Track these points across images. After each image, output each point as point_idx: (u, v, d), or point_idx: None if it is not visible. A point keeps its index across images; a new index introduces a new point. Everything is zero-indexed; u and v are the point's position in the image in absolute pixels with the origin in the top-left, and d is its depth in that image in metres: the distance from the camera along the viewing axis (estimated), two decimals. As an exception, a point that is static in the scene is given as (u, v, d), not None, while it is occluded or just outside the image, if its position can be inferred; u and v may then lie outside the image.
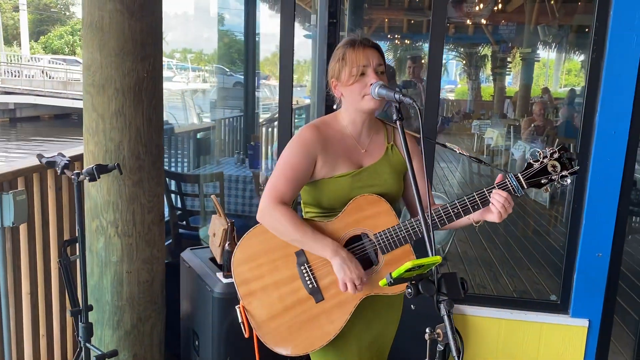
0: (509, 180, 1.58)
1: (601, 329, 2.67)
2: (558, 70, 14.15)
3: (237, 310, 1.67)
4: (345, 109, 1.70)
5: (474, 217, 1.62)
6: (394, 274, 1.21)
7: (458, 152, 1.75)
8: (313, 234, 1.61)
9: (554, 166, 1.57)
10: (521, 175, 1.58)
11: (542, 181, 1.58)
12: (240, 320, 1.66)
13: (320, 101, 2.56)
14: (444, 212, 1.59)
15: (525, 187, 1.58)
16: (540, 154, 1.59)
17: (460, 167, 7.33)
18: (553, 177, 1.57)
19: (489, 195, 1.57)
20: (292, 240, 1.63)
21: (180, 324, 2.78)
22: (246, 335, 1.64)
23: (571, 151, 1.60)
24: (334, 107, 1.90)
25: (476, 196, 1.59)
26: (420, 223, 1.55)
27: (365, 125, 1.71)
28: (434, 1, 2.55)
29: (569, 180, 1.57)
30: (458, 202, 1.59)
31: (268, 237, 1.65)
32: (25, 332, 2.55)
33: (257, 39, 5.56)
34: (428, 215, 1.41)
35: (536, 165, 1.58)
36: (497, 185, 1.59)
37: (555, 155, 1.58)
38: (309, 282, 1.64)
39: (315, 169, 1.65)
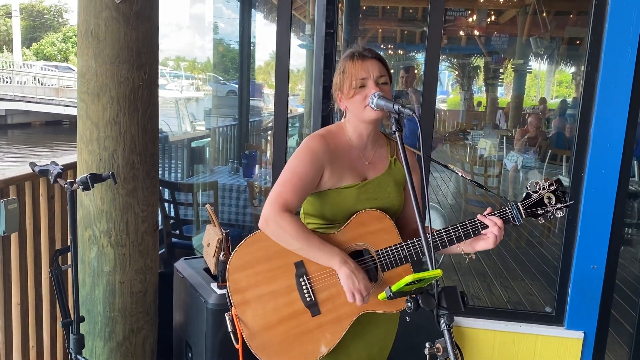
0: (509, 209, 1.61)
1: (596, 341, 2.66)
2: (549, 82, 14.28)
3: (227, 318, 1.63)
4: (350, 121, 1.69)
5: (464, 248, 1.64)
6: (394, 288, 1.20)
7: (461, 175, 1.77)
8: (320, 243, 1.58)
9: (549, 198, 1.62)
10: (521, 204, 1.61)
11: (539, 212, 1.62)
12: (230, 329, 1.62)
13: (317, 111, 2.55)
14: (445, 234, 1.61)
15: (524, 217, 1.61)
16: (537, 185, 1.63)
17: (453, 177, 7.34)
18: (549, 209, 1.61)
19: (489, 220, 1.60)
20: (297, 249, 1.59)
21: (173, 335, 2.75)
22: (237, 346, 1.61)
23: (564, 185, 1.65)
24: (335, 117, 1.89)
25: (477, 220, 1.60)
26: (423, 243, 1.56)
27: (370, 138, 1.70)
28: (430, 12, 2.56)
29: (561, 213, 1.62)
30: (459, 225, 1.61)
31: (267, 245, 1.61)
32: (15, 343, 2.50)
33: (252, 47, 5.56)
34: (428, 229, 1.40)
35: (534, 196, 1.62)
36: (498, 213, 1.61)
37: (552, 188, 1.62)
38: (306, 295, 1.61)
39: (322, 179, 1.63)
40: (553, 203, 1.61)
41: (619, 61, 2.44)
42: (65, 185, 2.06)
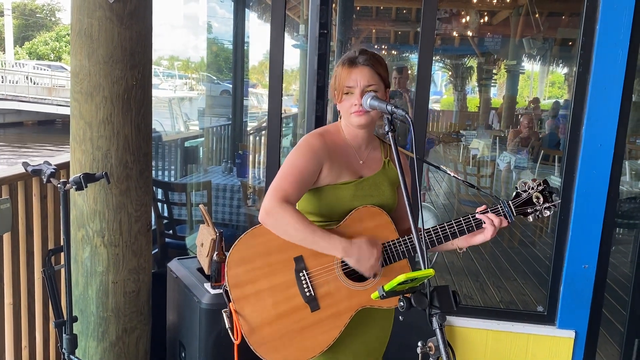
0: (501, 207, 1.65)
1: (587, 340, 2.69)
2: (542, 83, 14.35)
3: (224, 314, 1.62)
4: (344, 122, 1.73)
5: (459, 243, 1.67)
6: (386, 287, 1.21)
7: (452, 175, 1.79)
8: (322, 232, 1.58)
9: (537, 197, 1.66)
10: (512, 203, 1.65)
11: (528, 210, 1.66)
12: (228, 325, 1.61)
13: (311, 111, 2.56)
14: (441, 230, 1.63)
15: (515, 215, 1.66)
16: (526, 185, 1.67)
17: (446, 177, 7.37)
18: (537, 208, 1.66)
19: (483, 219, 1.63)
20: (299, 240, 1.58)
21: (166, 335, 2.75)
22: (236, 342, 1.60)
23: (551, 185, 1.70)
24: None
25: (471, 218, 1.63)
26: (416, 242, 1.58)
27: (364, 139, 1.72)
28: (424, 12, 2.57)
29: (549, 212, 1.66)
30: (454, 222, 1.63)
31: (267, 240, 1.61)
32: (7, 343, 2.49)
33: (245, 47, 5.56)
34: (421, 230, 1.42)
35: (524, 195, 1.66)
36: (491, 210, 1.64)
37: (540, 188, 1.66)
38: (306, 290, 1.61)
39: (320, 175, 1.65)
40: (541, 202, 1.65)
41: (610, 62, 2.46)
42: (58, 185, 2.05)
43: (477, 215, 1.63)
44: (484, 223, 1.62)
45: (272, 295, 1.61)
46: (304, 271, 1.61)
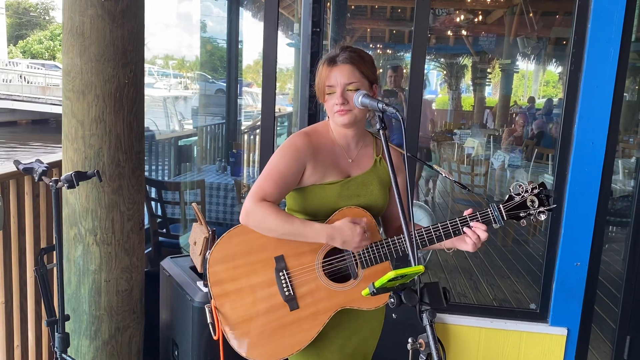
0: (491, 211, 1.62)
1: (579, 337, 2.70)
2: (537, 82, 14.39)
3: (207, 309, 1.64)
4: (331, 120, 1.72)
5: (446, 244, 1.65)
6: (377, 284, 1.21)
7: (444, 175, 1.78)
8: (302, 222, 1.60)
9: (532, 201, 1.62)
10: (502, 206, 1.62)
11: (521, 214, 1.62)
12: (209, 321, 1.63)
13: (304, 110, 2.56)
14: (426, 234, 1.62)
15: (505, 219, 1.62)
16: (521, 188, 1.63)
17: (440, 176, 7.39)
18: (531, 212, 1.62)
19: (470, 223, 1.61)
20: (282, 234, 1.59)
21: (159, 333, 2.74)
22: (215, 337, 1.62)
23: (548, 189, 1.65)
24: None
25: (458, 222, 1.62)
26: (402, 241, 1.59)
27: (353, 137, 1.71)
28: (416, 12, 2.58)
29: (544, 217, 1.62)
30: (441, 226, 1.62)
31: (248, 239, 1.63)
32: (-1, 342, 2.49)
33: (240, 46, 5.55)
34: (412, 225, 1.41)
35: (517, 198, 1.62)
36: (479, 213, 1.62)
37: (535, 191, 1.62)
38: (285, 289, 1.62)
39: (304, 175, 1.65)
40: (536, 206, 1.62)
41: (601, 61, 2.47)
42: (50, 184, 2.04)
43: (464, 229, 1.61)
44: (467, 235, 1.60)
45: (252, 294, 1.62)
46: (284, 271, 1.62)
